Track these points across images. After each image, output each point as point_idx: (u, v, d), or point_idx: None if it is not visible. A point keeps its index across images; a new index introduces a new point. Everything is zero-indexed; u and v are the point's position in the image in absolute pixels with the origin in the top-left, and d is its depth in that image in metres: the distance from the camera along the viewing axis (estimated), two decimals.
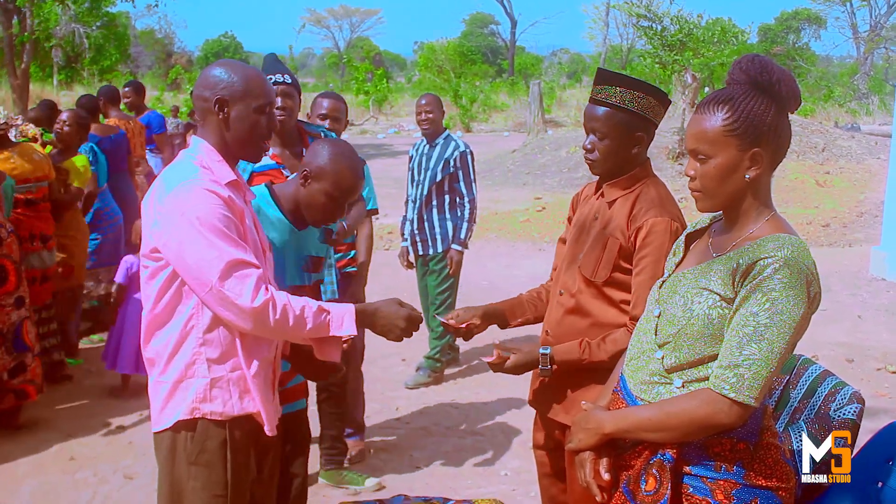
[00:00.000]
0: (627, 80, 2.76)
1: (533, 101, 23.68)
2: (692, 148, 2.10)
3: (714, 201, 2.12)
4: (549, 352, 2.83)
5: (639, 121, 2.74)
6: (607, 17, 39.96)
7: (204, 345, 2.41)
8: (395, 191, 14.62)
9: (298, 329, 2.40)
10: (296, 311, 2.38)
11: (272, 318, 2.33)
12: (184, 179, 2.36)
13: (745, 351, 1.95)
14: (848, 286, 8.85)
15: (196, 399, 2.42)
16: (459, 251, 6.07)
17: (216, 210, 2.32)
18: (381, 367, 6.41)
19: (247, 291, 2.29)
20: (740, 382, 1.95)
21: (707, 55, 19.41)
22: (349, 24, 73.71)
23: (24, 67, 21.11)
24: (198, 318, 2.40)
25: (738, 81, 2.10)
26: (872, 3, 44.93)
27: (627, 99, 2.71)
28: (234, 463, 2.48)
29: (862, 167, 15.57)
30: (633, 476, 2.16)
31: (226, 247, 2.30)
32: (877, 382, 6.12)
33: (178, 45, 54.06)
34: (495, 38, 62.82)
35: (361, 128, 30.67)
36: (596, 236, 2.82)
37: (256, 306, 2.30)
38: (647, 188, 2.80)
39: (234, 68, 2.48)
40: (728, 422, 1.99)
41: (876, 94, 32.24)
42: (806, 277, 1.95)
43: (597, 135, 2.76)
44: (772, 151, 2.07)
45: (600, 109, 2.74)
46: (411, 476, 4.65)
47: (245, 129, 2.45)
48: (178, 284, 2.38)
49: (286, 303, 2.36)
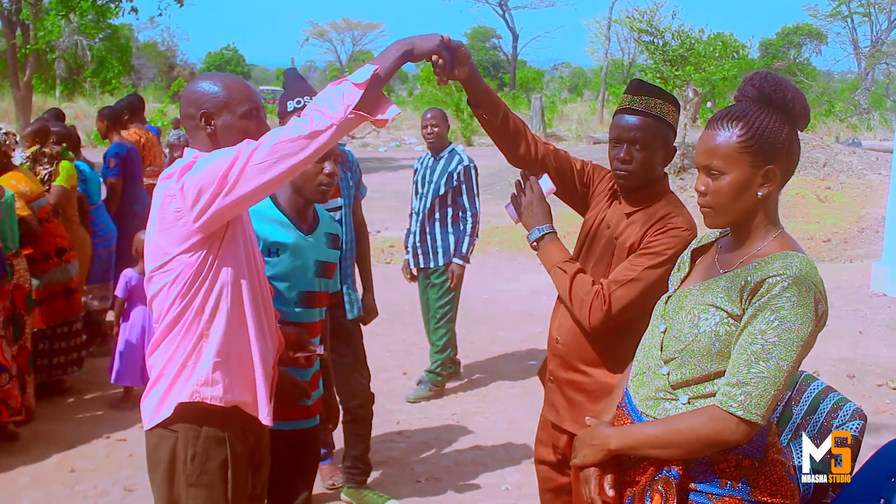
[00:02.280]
0: (664, 92, 2.76)
1: (534, 115, 23.76)
2: (704, 164, 2.09)
3: (724, 218, 2.11)
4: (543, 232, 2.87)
5: (671, 132, 2.76)
6: (609, 32, 40.02)
7: (209, 328, 2.39)
8: (396, 204, 14.66)
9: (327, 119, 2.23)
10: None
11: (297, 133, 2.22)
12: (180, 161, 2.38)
13: (754, 369, 1.95)
14: (849, 302, 8.85)
15: (198, 382, 2.39)
16: (461, 265, 6.07)
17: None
18: (383, 380, 6.40)
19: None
20: (748, 400, 1.95)
21: (708, 70, 19.41)
22: (351, 37, 73.86)
23: (26, 79, 21.17)
24: (207, 334, 2.38)
25: (750, 98, 2.09)
26: (873, 18, 45.05)
27: (667, 111, 2.71)
28: (235, 482, 2.46)
29: (863, 182, 15.59)
30: (638, 492, 2.16)
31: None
32: (878, 399, 6.11)
33: (180, 57, 54.21)
34: (497, 52, 63.03)
35: (363, 141, 30.69)
36: (605, 246, 2.81)
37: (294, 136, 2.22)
38: (666, 205, 2.78)
39: (214, 80, 2.47)
40: (734, 439, 1.98)
41: (877, 110, 32.27)
42: (814, 296, 1.96)
43: (636, 145, 2.72)
44: (783, 169, 2.07)
45: (638, 119, 2.71)
46: (412, 490, 4.64)
47: (234, 137, 2.41)
48: (188, 297, 2.36)
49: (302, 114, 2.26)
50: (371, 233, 12.07)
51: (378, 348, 6.77)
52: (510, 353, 7.01)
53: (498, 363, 6.89)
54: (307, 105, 2.29)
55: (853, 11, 43.84)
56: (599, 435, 2.20)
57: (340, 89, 2.23)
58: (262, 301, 2.54)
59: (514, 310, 8.31)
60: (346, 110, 2.21)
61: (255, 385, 2.49)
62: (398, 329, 7.32)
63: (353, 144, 30.04)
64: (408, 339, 7.21)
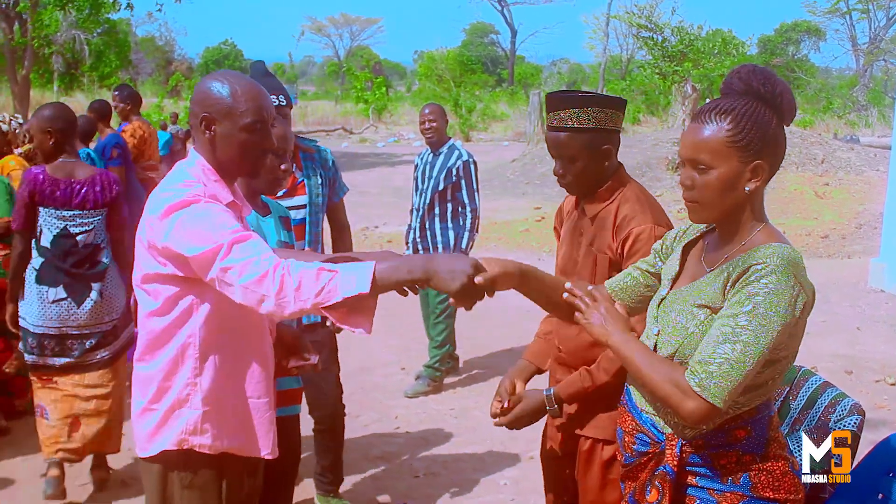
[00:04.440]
0: (578, 99, 2.71)
1: (532, 111, 23.73)
2: (691, 157, 2.05)
3: (711, 213, 2.08)
4: (552, 392, 2.81)
5: (601, 135, 2.71)
6: (607, 28, 40.05)
7: (199, 375, 2.33)
8: (394, 199, 14.63)
9: (303, 301, 2.11)
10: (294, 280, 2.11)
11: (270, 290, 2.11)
12: (177, 191, 2.27)
13: (720, 350, 1.93)
14: (847, 298, 8.85)
15: (185, 431, 2.34)
16: None
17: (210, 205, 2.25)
18: (381, 375, 6.42)
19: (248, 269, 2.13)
20: (708, 380, 1.93)
21: (707, 66, 19.45)
22: (349, 32, 73.85)
23: (24, 73, 21.14)
24: (195, 345, 2.32)
25: (738, 91, 2.06)
26: (872, 15, 45.10)
27: (584, 118, 2.68)
28: (229, 489, 2.44)
29: (861, 179, 15.58)
30: (639, 487, 2.18)
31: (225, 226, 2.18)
32: (876, 394, 6.12)
33: (178, 52, 54.19)
34: (495, 48, 63.01)
35: (361, 136, 30.70)
36: (585, 254, 2.81)
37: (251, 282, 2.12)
38: (626, 196, 2.78)
39: (226, 82, 2.35)
40: (685, 412, 1.96)
41: (875, 107, 32.29)
42: (793, 286, 1.93)
43: (563, 160, 2.74)
44: (771, 164, 2.05)
45: (562, 135, 2.71)
46: (410, 485, 4.65)
47: (233, 149, 2.34)
48: (176, 310, 2.30)
49: (284, 273, 2.11)
50: (369, 228, 12.14)
51: (376, 344, 6.78)
52: (508, 349, 7.01)
53: (496, 359, 6.90)
54: (290, 264, 2.12)
55: (851, 8, 43.91)
56: (613, 325, 2.18)
57: (325, 281, 2.09)
58: (263, 330, 2.48)
59: (513, 305, 8.29)
60: (317, 308, 2.10)
61: (253, 424, 2.43)
62: (396, 325, 7.31)
63: (352, 139, 30.04)
64: (406, 335, 7.21)
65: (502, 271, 2.21)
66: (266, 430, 2.47)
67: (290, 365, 2.77)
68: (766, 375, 2.01)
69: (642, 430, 2.18)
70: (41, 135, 4.26)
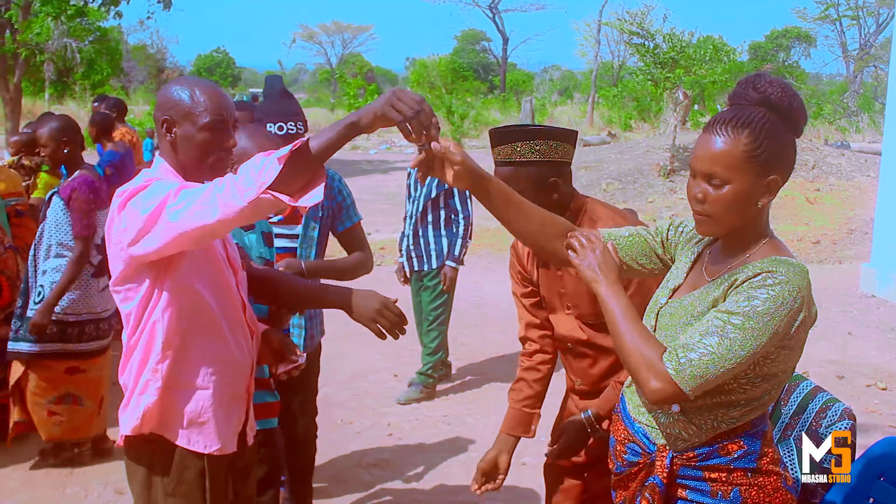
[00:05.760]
0: (520, 132, 2.67)
1: (524, 118, 23.81)
2: (706, 171, 1.96)
3: (721, 228, 2.01)
4: (590, 414, 2.81)
5: (546, 168, 2.67)
6: (598, 35, 40.08)
7: (161, 362, 2.33)
8: (386, 206, 14.63)
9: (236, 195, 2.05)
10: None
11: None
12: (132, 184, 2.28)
13: (706, 340, 1.89)
14: (838, 303, 8.90)
15: (142, 416, 2.36)
16: (454, 268, 6.08)
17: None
18: (373, 382, 6.41)
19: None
20: (686, 365, 1.89)
21: (698, 73, 19.48)
22: (341, 39, 73.83)
23: (16, 81, 21.08)
24: (161, 332, 2.32)
25: (752, 101, 1.98)
26: (861, 21, 45.35)
27: (527, 151, 2.64)
28: (213, 491, 2.43)
29: (852, 184, 15.65)
30: (629, 497, 2.18)
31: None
32: (867, 399, 6.14)
33: (170, 60, 54.01)
34: (487, 55, 63.07)
35: (353, 143, 30.68)
36: (573, 276, 2.77)
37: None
38: (589, 215, 2.76)
39: (185, 86, 2.37)
40: (650, 390, 1.93)
41: (865, 112, 32.38)
42: (795, 300, 1.88)
43: (517, 190, 2.69)
44: (783, 178, 1.98)
45: (506, 169, 2.67)
46: (403, 492, 4.64)
47: (193, 150, 2.35)
48: (150, 309, 2.31)
49: (223, 181, 2.10)
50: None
51: (368, 351, 6.78)
52: (501, 356, 7.02)
53: (489, 365, 6.90)
54: (241, 168, 2.08)
55: (842, 14, 44.20)
56: (606, 271, 2.12)
57: (262, 163, 2.02)
58: (236, 325, 2.47)
59: (505, 312, 8.30)
60: (260, 189, 2.00)
61: (209, 419, 2.41)
62: None
63: (344, 147, 29.97)
64: (398, 342, 7.03)
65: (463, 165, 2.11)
66: (221, 427, 2.44)
67: (279, 371, 2.77)
68: (761, 389, 1.98)
69: (634, 439, 2.17)
70: (55, 143, 4.68)
